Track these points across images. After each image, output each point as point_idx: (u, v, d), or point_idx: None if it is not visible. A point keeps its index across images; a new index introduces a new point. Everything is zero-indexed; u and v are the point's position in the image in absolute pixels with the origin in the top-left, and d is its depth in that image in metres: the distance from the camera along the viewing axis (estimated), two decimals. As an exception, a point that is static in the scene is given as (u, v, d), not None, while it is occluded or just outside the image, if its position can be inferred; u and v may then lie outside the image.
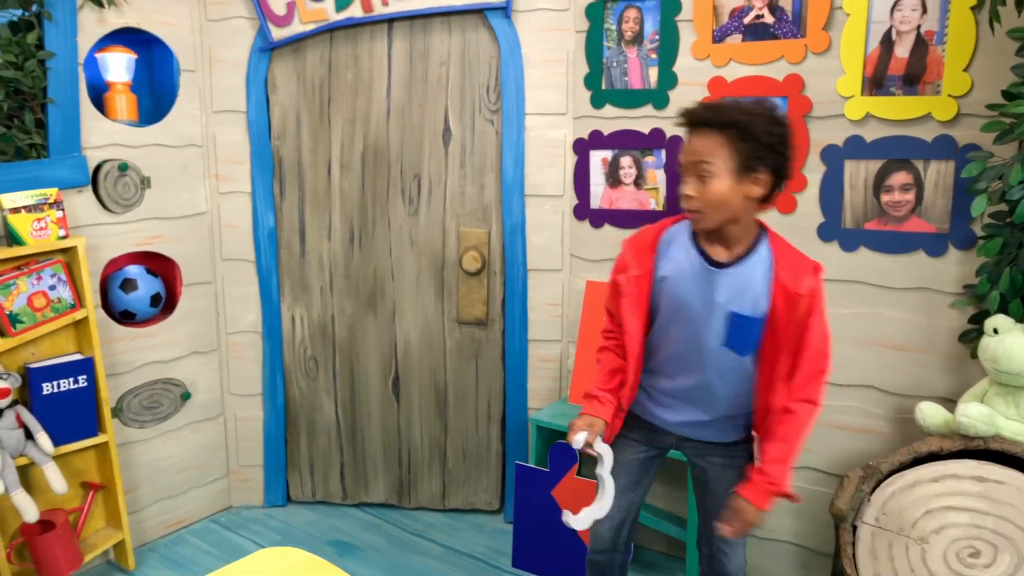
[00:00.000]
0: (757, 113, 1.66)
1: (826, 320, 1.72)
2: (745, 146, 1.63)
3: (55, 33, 2.46)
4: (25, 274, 2.37)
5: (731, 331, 1.74)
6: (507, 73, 2.81)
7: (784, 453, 1.71)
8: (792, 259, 1.72)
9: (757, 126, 1.63)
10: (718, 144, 1.64)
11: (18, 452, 2.39)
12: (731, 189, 1.65)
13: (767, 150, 1.64)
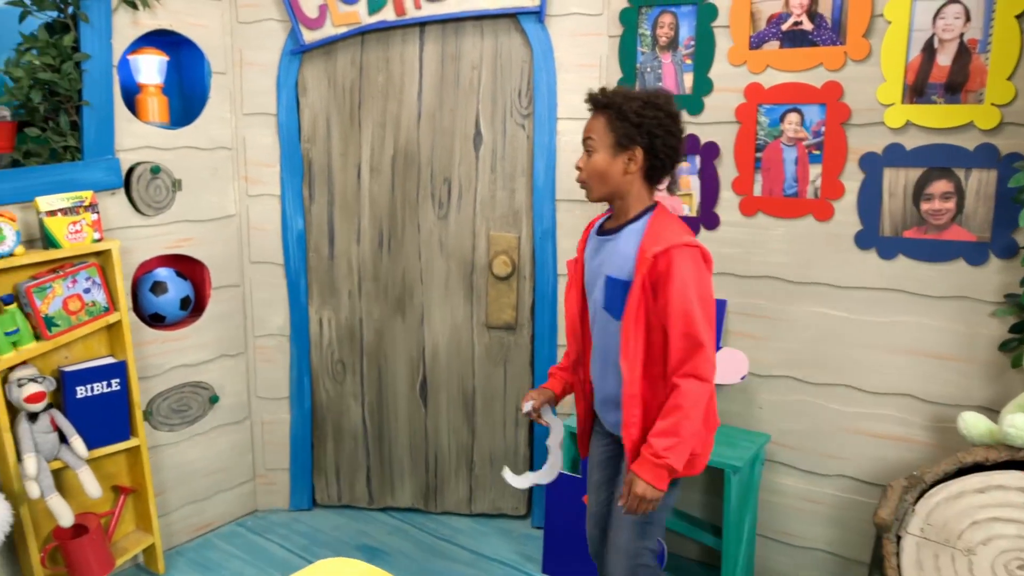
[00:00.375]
0: (634, 97, 1.85)
1: (688, 294, 1.75)
2: (620, 124, 1.83)
3: (90, 35, 2.45)
4: (60, 277, 2.36)
5: (607, 293, 1.88)
6: (539, 77, 2.80)
7: (667, 427, 1.75)
8: (661, 231, 1.82)
9: (629, 107, 1.82)
10: (600, 123, 1.87)
11: (52, 456, 2.38)
12: (608, 163, 1.86)
13: (636, 129, 1.82)
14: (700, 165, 2.66)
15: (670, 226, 1.84)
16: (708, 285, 1.81)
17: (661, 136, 1.84)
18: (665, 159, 1.87)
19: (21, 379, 2.30)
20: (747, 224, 2.60)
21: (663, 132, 1.84)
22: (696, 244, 1.80)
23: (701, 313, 1.76)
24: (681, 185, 2.70)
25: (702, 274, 1.80)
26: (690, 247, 1.78)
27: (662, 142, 1.84)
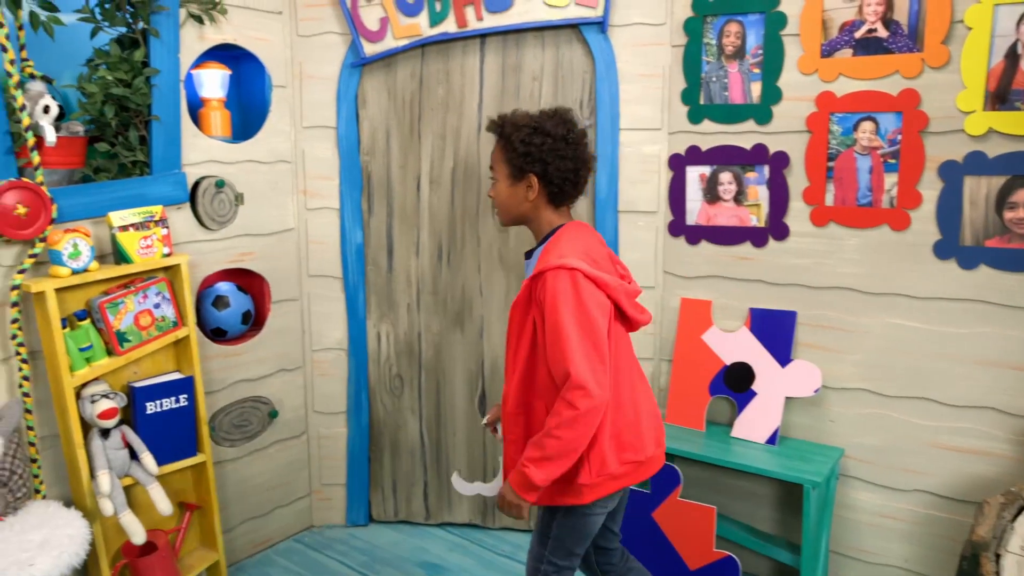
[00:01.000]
0: (523, 125, 1.87)
1: (558, 318, 1.69)
2: (512, 155, 1.86)
3: (160, 50, 2.45)
4: (132, 292, 2.34)
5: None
6: (602, 88, 2.77)
7: (535, 440, 1.72)
8: (547, 254, 1.80)
9: (516, 137, 1.86)
10: (498, 153, 1.93)
11: (123, 472, 2.36)
12: (509, 192, 1.91)
13: (524, 158, 1.85)
14: (768, 175, 2.62)
15: (556, 248, 1.80)
16: (585, 307, 1.70)
17: (552, 162, 1.84)
18: (562, 183, 1.86)
19: (94, 395, 2.28)
20: (818, 235, 2.56)
21: (553, 158, 1.84)
22: (572, 267, 1.71)
23: (576, 337, 1.67)
24: (749, 196, 2.67)
25: (579, 296, 1.71)
26: (564, 269, 1.71)
27: (554, 168, 1.84)
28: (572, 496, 1.81)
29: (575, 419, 1.66)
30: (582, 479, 1.78)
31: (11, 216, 2.09)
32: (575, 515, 1.87)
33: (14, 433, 2.09)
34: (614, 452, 1.81)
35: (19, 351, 2.18)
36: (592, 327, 1.70)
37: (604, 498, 1.85)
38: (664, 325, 2.89)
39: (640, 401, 1.91)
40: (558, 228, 1.89)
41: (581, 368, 1.65)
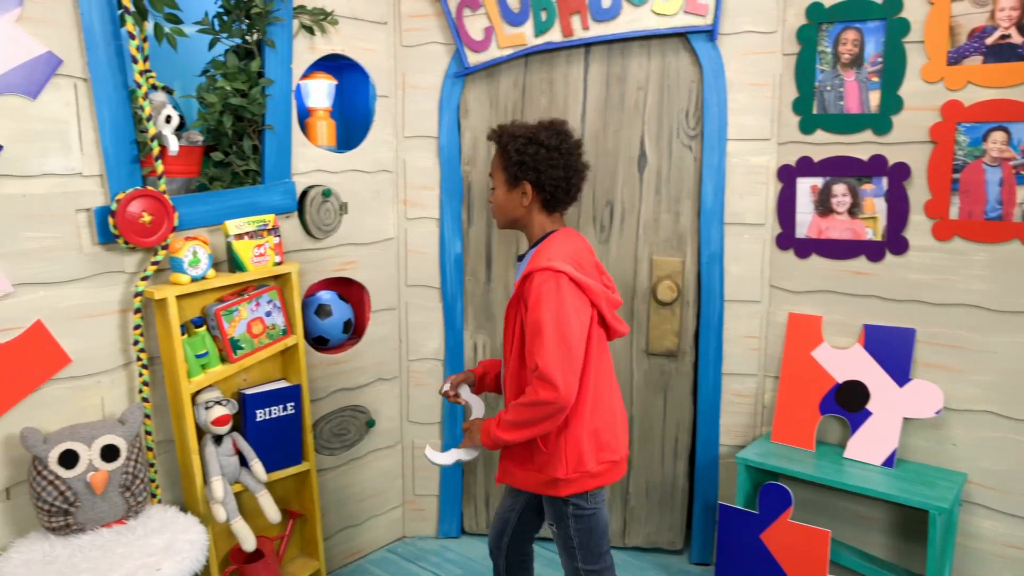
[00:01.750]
0: (519, 135, 1.97)
1: (539, 318, 1.81)
2: (508, 162, 1.97)
3: (273, 60, 2.47)
4: (245, 300, 2.36)
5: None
6: (709, 97, 2.71)
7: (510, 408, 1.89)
8: (535, 258, 1.91)
9: (512, 146, 1.96)
10: (496, 160, 2.04)
11: (234, 479, 2.38)
12: (506, 197, 2.02)
13: (518, 167, 1.95)
14: (887, 187, 2.53)
15: (545, 251, 1.91)
16: (565, 309, 1.81)
17: (545, 171, 1.94)
18: (554, 190, 1.97)
19: (208, 402, 2.30)
20: (941, 249, 2.46)
21: (546, 167, 1.94)
22: (559, 269, 1.83)
23: (552, 336, 1.78)
24: (864, 208, 2.58)
25: (562, 300, 1.81)
26: (551, 271, 1.82)
27: (547, 177, 1.94)
28: (552, 488, 1.96)
29: (535, 406, 1.81)
30: (559, 474, 1.92)
31: (137, 224, 2.12)
32: (584, 517, 1.99)
33: (136, 438, 2.11)
34: (592, 451, 1.94)
35: (140, 357, 2.21)
36: (569, 329, 1.81)
37: (593, 492, 1.98)
38: (769, 340, 2.80)
39: (616, 403, 2.03)
40: (550, 233, 2.00)
41: (551, 364, 1.77)
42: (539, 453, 1.95)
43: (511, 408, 1.88)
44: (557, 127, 2.00)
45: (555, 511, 2.02)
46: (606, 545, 2.05)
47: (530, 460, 1.98)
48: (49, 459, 1.97)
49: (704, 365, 2.86)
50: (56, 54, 1.99)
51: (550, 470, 1.93)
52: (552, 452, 1.92)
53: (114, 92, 2.10)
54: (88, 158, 2.09)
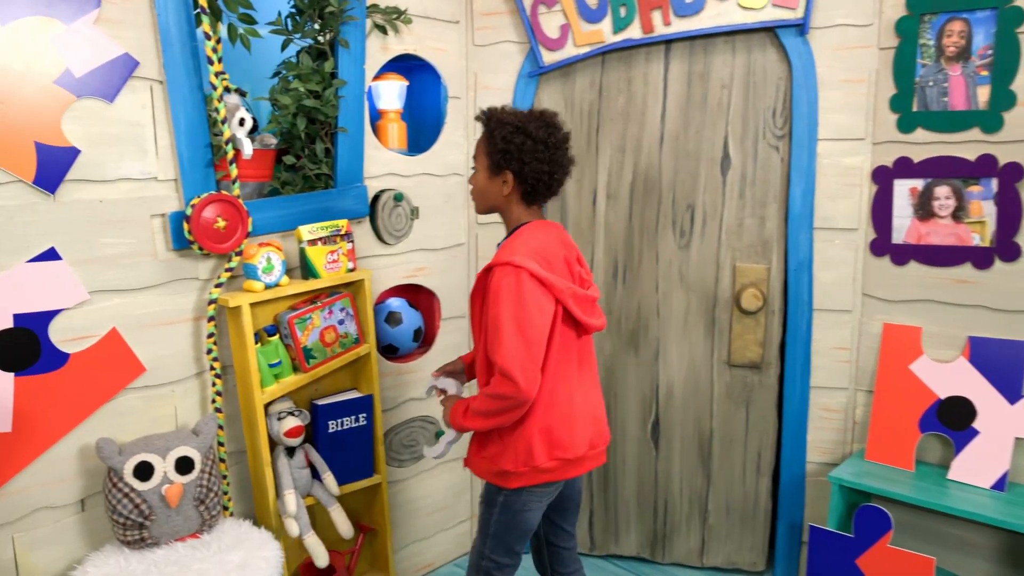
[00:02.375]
0: (507, 122, 1.89)
1: (498, 313, 1.79)
2: (493, 149, 1.90)
3: (347, 61, 2.40)
4: (318, 308, 2.29)
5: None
6: (799, 95, 2.57)
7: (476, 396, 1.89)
8: (504, 248, 1.88)
9: (499, 133, 1.89)
10: (481, 144, 1.96)
11: (306, 492, 2.31)
12: (486, 183, 1.96)
13: (502, 155, 1.90)
14: (997, 189, 2.35)
15: (511, 245, 1.87)
16: (526, 306, 1.78)
17: (529, 163, 1.88)
18: (536, 183, 1.91)
19: (281, 412, 2.24)
20: (1057, 256, 2.28)
21: (531, 159, 1.88)
22: (520, 265, 1.79)
23: (510, 332, 1.77)
24: (971, 212, 2.40)
25: (520, 294, 1.78)
26: (512, 267, 1.79)
27: (530, 169, 1.89)
28: (500, 479, 1.95)
29: (495, 399, 1.81)
30: (508, 466, 1.91)
31: (211, 229, 2.06)
32: (511, 510, 1.97)
33: (209, 450, 2.05)
34: (543, 447, 1.90)
35: (213, 366, 2.16)
36: (528, 325, 1.78)
37: (535, 489, 1.95)
38: (862, 352, 2.64)
39: (577, 401, 1.96)
40: (522, 225, 1.95)
41: (510, 360, 1.76)
42: (493, 443, 1.94)
43: (479, 397, 1.88)
44: (547, 119, 1.93)
45: (488, 495, 2.03)
46: (520, 546, 2.04)
47: (485, 449, 1.97)
48: (124, 471, 1.92)
49: (790, 377, 2.71)
50: (133, 56, 1.94)
51: (500, 461, 1.92)
52: (505, 444, 1.91)
53: (189, 94, 2.05)
54: (163, 162, 2.04)
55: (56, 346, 1.90)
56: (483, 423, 1.88)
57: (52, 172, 1.84)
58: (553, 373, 1.90)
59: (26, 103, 1.78)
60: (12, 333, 1.82)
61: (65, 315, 1.90)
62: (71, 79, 1.84)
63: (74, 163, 1.87)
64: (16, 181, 1.79)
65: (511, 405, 1.80)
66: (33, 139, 1.80)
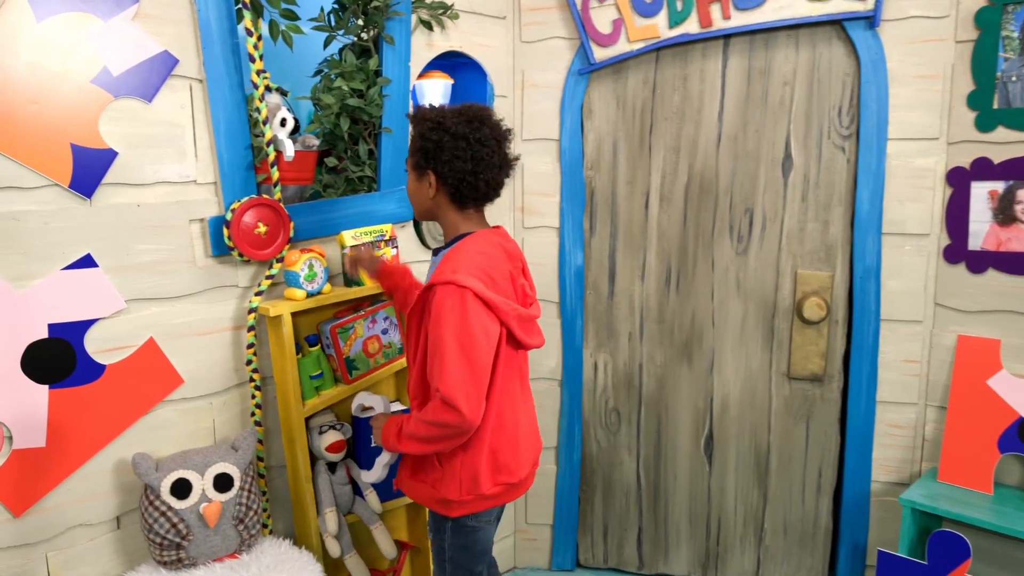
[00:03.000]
0: (427, 118, 1.74)
1: (440, 335, 1.64)
2: (414, 148, 1.78)
3: (391, 58, 2.30)
4: (362, 317, 2.19)
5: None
6: (867, 92, 2.41)
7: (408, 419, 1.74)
8: (443, 264, 1.73)
9: (419, 130, 1.76)
10: (411, 144, 1.80)
11: (347, 509, 2.21)
12: (415, 187, 1.82)
13: (420, 154, 1.76)
14: (1087, 192, 2.19)
15: (453, 260, 1.71)
16: (470, 329, 1.64)
17: (447, 160, 1.73)
18: (458, 184, 1.75)
19: (322, 426, 2.14)
20: None
21: (449, 156, 1.73)
22: (463, 284, 1.65)
23: (454, 357, 1.62)
24: (1055, 216, 2.24)
25: (465, 317, 1.64)
26: (455, 286, 1.65)
27: (448, 167, 1.73)
28: (442, 508, 1.83)
29: (432, 426, 1.67)
30: (452, 495, 1.79)
31: (252, 235, 1.97)
32: (462, 532, 1.87)
33: (249, 466, 1.96)
34: (488, 473, 1.80)
35: (253, 377, 2.06)
36: (473, 349, 1.65)
37: (481, 514, 1.85)
38: (932, 365, 2.48)
39: (522, 422, 1.87)
40: (464, 236, 1.80)
41: (453, 388, 1.62)
42: (434, 469, 1.81)
43: (413, 420, 1.73)
44: (471, 113, 1.76)
45: (435, 522, 1.94)
46: (481, 565, 1.93)
47: (423, 473, 1.84)
48: (161, 488, 1.83)
49: (855, 391, 2.56)
50: (172, 53, 1.86)
51: (443, 489, 1.80)
52: (447, 471, 1.79)
53: (230, 94, 1.96)
54: (202, 164, 1.95)
55: (92, 357, 1.82)
56: (419, 448, 1.74)
57: (89, 175, 1.75)
58: (498, 395, 1.78)
59: (62, 103, 1.70)
60: (47, 344, 1.74)
61: (101, 325, 1.82)
62: (108, 78, 1.76)
63: (111, 166, 1.78)
64: (52, 185, 1.71)
65: (452, 433, 1.68)
66: (69, 141, 1.72)
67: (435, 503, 1.85)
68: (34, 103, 1.66)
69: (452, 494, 1.79)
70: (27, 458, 1.75)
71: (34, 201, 1.68)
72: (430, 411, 1.67)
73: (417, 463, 1.85)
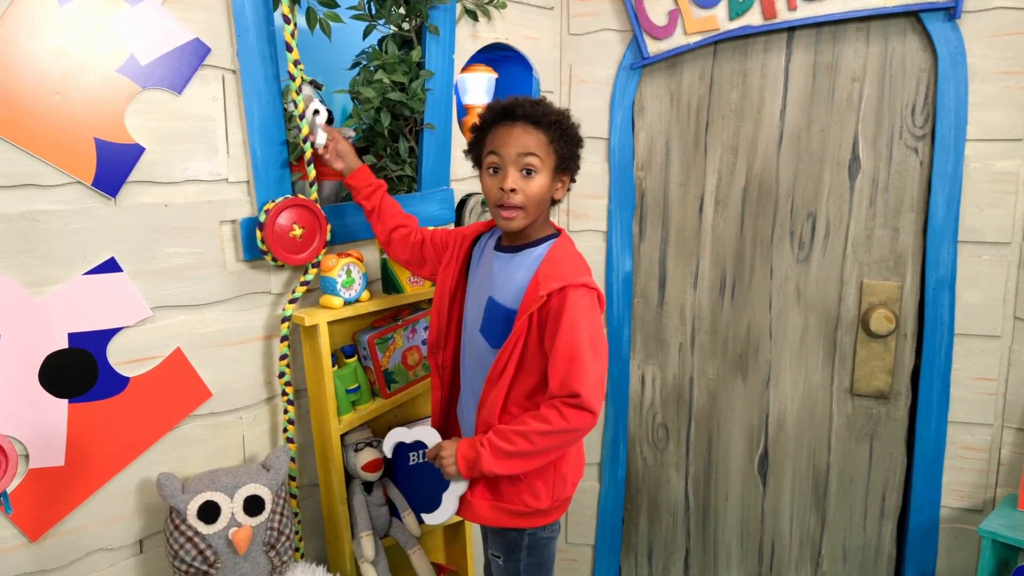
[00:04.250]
0: (567, 116, 1.67)
1: (578, 339, 1.54)
2: (562, 147, 1.65)
3: (435, 50, 2.15)
4: (400, 327, 2.05)
5: (486, 317, 1.69)
6: (944, 89, 2.24)
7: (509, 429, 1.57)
8: (559, 265, 1.62)
9: (572, 130, 1.68)
10: (543, 142, 1.64)
11: (383, 533, 2.07)
12: (547, 188, 1.66)
13: (571, 158, 1.69)
14: None
15: (570, 262, 1.64)
16: (602, 332, 1.62)
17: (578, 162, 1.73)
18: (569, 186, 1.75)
19: (358, 443, 2.00)
20: None
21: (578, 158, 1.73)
22: (595, 287, 1.62)
23: (591, 359, 1.54)
24: None
25: (596, 320, 1.60)
26: (588, 289, 1.60)
27: (576, 169, 1.74)
28: (524, 521, 1.71)
29: (563, 434, 1.55)
30: (543, 503, 1.69)
31: (286, 238, 1.83)
32: (539, 547, 1.77)
33: (281, 487, 1.82)
34: (572, 472, 1.75)
35: (285, 391, 1.92)
36: (604, 351, 1.61)
37: (554, 523, 1.78)
38: (1011, 384, 2.30)
39: None
40: (555, 236, 1.73)
41: (592, 391, 1.54)
42: (519, 481, 1.66)
43: (528, 435, 1.55)
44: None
45: (507, 542, 1.77)
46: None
47: (496, 489, 1.69)
48: (188, 512, 1.69)
49: (924, 410, 2.38)
50: (204, 41, 1.71)
51: (531, 499, 1.67)
52: (535, 480, 1.67)
53: (264, 85, 1.81)
54: (234, 161, 1.81)
55: (115, 369, 1.68)
56: (532, 463, 1.60)
57: (113, 172, 1.61)
58: None
59: (86, 94, 1.56)
60: (67, 355, 1.61)
61: (125, 334, 1.68)
62: (135, 67, 1.62)
63: (137, 162, 1.64)
64: (74, 183, 1.57)
65: (578, 439, 1.61)
66: (93, 135, 1.58)
67: (516, 518, 1.71)
68: (56, 94, 1.52)
69: (543, 502, 1.69)
70: (44, 478, 1.61)
71: (55, 200, 1.55)
72: (556, 419, 1.53)
73: (494, 481, 1.68)
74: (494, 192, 1.65)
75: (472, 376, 1.78)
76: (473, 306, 1.76)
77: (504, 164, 1.63)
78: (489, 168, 1.67)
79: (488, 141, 1.68)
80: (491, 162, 1.66)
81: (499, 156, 1.63)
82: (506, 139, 1.63)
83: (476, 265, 1.81)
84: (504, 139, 1.63)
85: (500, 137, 1.64)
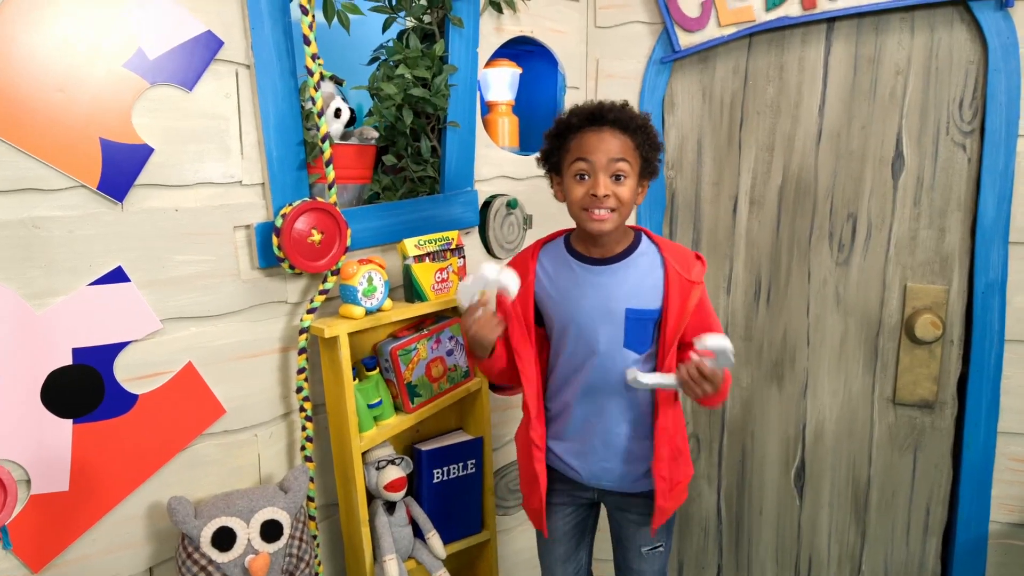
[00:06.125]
0: (650, 120, 1.66)
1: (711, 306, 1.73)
2: (648, 153, 1.64)
3: (458, 44, 2.03)
4: (425, 336, 1.93)
5: (629, 327, 1.66)
6: (995, 82, 2.12)
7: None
8: (677, 250, 1.70)
9: (655, 135, 1.66)
10: (631, 147, 1.62)
11: (407, 555, 1.95)
12: (635, 192, 1.65)
13: (654, 163, 1.67)
14: None
15: (674, 243, 1.74)
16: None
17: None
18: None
19: (380, 461, 1.88)
20: None
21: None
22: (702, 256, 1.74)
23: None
24: None
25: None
26: (703, 259, 1.73)
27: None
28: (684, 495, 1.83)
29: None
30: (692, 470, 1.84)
31: (305, 244, 1.71)
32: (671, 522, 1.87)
33: (300, 509, 1.70)
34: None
35: (303, 406, 1.80)
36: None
37: None
38: (1065, 393, 2.19)
39: None
40: (640, 230, 1.76)
41: None
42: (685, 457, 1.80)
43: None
44: None
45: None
46: None
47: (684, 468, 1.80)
48: (201, 539, 1.57)
49: (973, 421, 2.26)
50: (216, 34, 1.60)
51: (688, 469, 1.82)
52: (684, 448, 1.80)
53: (280, 81, 1.70)
54: (249, 163, 1.69)
55: (122, 386, 1.56)
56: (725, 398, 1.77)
57: (120, 175, 1.50)
58: None
59: (91, 91, 1.44)
60: (71, 371, 1.49)
61: (133, 348, 1.57)
62: (143, 61, 1.50)
63: (146, 164, 1.53)
64: (78, 187, 1.45)
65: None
66: (98, 135, 1.46)
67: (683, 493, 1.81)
68: (60, 91, 1.41)
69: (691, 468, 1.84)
70: (47, 504, 1.50)
71: (58, 205, 1.43)
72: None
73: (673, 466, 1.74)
74: (584, 199, 1.61)
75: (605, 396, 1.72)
76: (597, 327, 1.67)
77: (595, 170, 1.60)
78: (576, 175, 1.62)
79: (573, 147, 1.63)
80: (579, 168, 1.61)
81: (588, 163, 1.60)
82: (596, 145, 1.59)
83: (564, 293, 1.72)
84: (594, 144, 1.60)
85: (590, 143, 1.60)
